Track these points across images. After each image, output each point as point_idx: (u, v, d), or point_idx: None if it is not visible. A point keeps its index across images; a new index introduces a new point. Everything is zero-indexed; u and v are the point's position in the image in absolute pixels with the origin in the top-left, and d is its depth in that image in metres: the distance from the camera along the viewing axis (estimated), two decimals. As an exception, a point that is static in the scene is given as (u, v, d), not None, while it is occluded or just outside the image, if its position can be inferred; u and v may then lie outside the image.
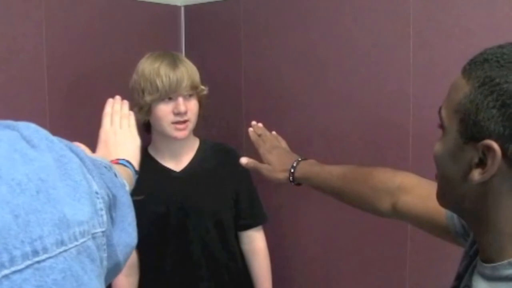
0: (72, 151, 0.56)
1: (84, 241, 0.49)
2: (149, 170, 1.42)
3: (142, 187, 1.15)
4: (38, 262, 0.43)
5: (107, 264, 0.56)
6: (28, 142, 0.49)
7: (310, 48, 1.71)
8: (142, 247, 1.53)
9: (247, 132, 1.39)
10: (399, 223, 1.50)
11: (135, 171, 1.08)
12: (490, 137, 0.60)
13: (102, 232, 0.54)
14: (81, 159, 0.57)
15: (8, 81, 1.46)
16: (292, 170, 1.23)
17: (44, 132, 0.53)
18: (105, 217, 0.55)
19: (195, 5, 2.02)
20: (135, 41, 1.80)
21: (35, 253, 0.43)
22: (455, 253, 1.40)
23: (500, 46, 0.66)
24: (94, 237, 0.51)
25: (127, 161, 1.06)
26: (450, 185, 0.69)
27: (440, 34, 1.43)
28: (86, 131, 1.45)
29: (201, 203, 1.59)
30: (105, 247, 0.55)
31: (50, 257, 0.44)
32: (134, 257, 1.57)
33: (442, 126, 0.69)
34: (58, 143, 0.53)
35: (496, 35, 1.33)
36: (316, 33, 1.69)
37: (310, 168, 1.23)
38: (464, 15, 1.39)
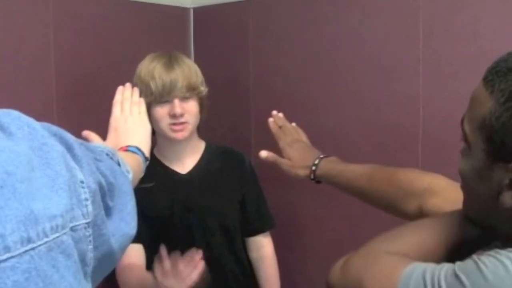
0: (61, 138, 0.54)
1: (57, 237, 0.46)
2: (154, 172, 1.41)
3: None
4: None
5: (96, 255, 0.54)
6: (4, 130, 0.47)
7: (319, 50, 1.70)
8: (145, 251, 1.52)
9: (255, 135, 1.38)
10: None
11: (145, 157, 1.07)
12: None
13: (87, 223, 0.52)
14: (69, 146, 0.54)
15: (16, 81, 1.47)
16: (313, 168, 1.18)
17: (26, 119, 0.51)
18: (90, 207, 0.52)
19: (204, 7, 2.02)
20: (143, 42, 1.80)
21: None
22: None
23: None
24: (74, 230, 0.49)
25: (137, 148, 1.06)
26: (478, 204, 0.65)
27: (449, 36, 1.42)
28: (94, 130, 1.44)
29: (206, 206, 1.56)
30: (90, 238, 0.52)
31: (12, 257, 0.41)
32: (141, 252, 1.52)
33: (466, 141, 0.64)
34: (41, 130, 0.51)
35: (505, 37, 1.32)
36: (324, 35, 1.68)
37: (332, 166, 1.18)
38: (474, 17, 1.37)
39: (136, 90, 1.22)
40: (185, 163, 1.59)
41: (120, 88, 1.21)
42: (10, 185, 0.42)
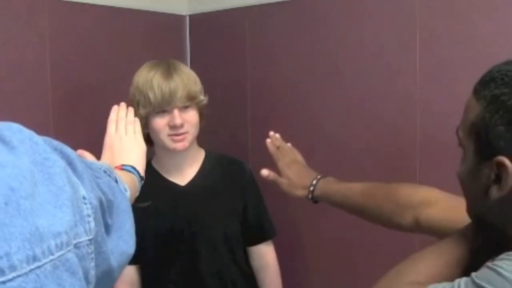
0: (62, 152, 0.54)
1: (62, 254, 0.44)
2: (152, 184, 1.37)
3: (146, 192, 1.11)
4: (4, 282, 0.39)
5: (96, 273, 0.53)
6: (6, 143, 0.46)
7: (316, 56, 1.70)
8: (145, 265, 1.51)
9: (252, 141, 1.38)
10: (409, 235, 1.49)
11: (140, 177, 1.06)
12: (501, 154, 0.63)
13: (89, 240, 0.50)
14: (70, 161, 0.54)
15: (12, 90, 1.46)
16: (311, 188, 1.23)
17: (28, 133, 0.49)
18: (92, 224, 0.51)
19: (200, 14, 2.02)
20: (140, 50, 1.80)
21: (1, 272, 0.39)
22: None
23: (506, 63, 0.69)
24: (78, 247, 0.48)
25: (132, 167, 1.05)
26: (473, 203, 0.71)
27: (446, 40, 1.42)
28: (90, 139, 1.43)
29: (208, 218, 1.53)
30: (92, 255, 0.51)
31: (18, 276, 0.40)
32: (134, 274, 1.52)
33: (461, 145, 0.71)
34: (43, 145, 0.50)
35: (502, 41, 1.32)
36: (321, 41, 1.68)
37: (330, 186, 1.22)
38: (471, 21, 1.38)
39: (131, 110, 1.19)
40: (185, 174, 1.55)
41: (115, 107, 1.19)
42: (14, 201, 0.41)
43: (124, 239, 0.65)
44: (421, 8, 1.46)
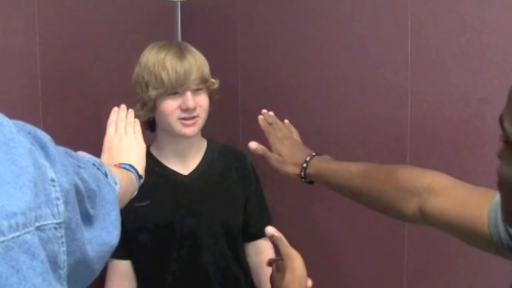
0: (35, 136, 0.53)
1: (18, 235, 0.43)
2: (152, 172, 1.33)
3: (145, 190, 1.11)
4: None
5: (69, 260, 0.52)
6: None
7: (307, 44, 1.69)
8: (143, 256, 1.46)
9: (243, 130, 1.36)
10: (398, 225, 1.49)
11: (139, 175, 1.06)
12: None
13: (58, 223, 0.49)
14: (43, 144, 0.53)
15: (1, 77, 1.44)
16: (304, 165, 1.13)
17: None
18: (62, 207, 0.50)
19: (191, 0, 2.00)
20: (130, 36, 1.78)
21: None
22: (454, 254, 1.40)
23: None
24: (42, 229, 0.46)
25: (130, 166, 1.05)
26: None
27: (438, 29, 1.42)
28: (80, 125, 1.43)
29: (211, 210, 1.47)
30: (63, 240, 0.50)
31: None
32: (128, 269, 1.47)
33: (508, 142, 0.56)
34: (9, 126, 0.49)
35: (494, 30, 1.32)
36: (313, 30, 1.67)
37: (325, 164, 1.11)
38: (463, 10, 1.37)
39: (131, 111, 1.18)
40: (188, 163, 1.49)
41: (115, 108, 1.19)
42: None
43: (107, 230, 0.64)
44: (413, -3, 1.45)
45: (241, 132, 1.86)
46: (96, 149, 1.08)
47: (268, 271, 1.57)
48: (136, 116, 1.20)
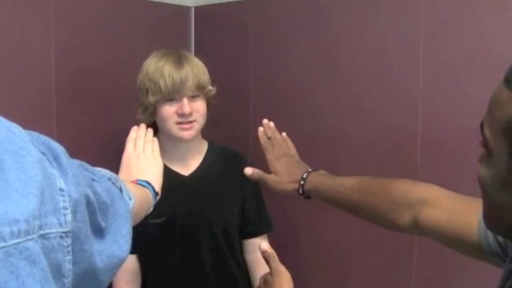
0: (49, 147, 0.54)
1: (19, 242, 0.43)
2: None
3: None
4: None
5: (75, 270, 0.52)
6: None
7: (319, 51, 1.70)
8: (146, 254, 1.52)
9: (254, 135, 1.37)
10: (407, 234, 1.49)
11: (155, 192, 1.08)
12: None
13: (64, 233, 0.49)
14: (56, 155, 0.53)
15: (16, 79, 1.46)
16: (302, 182, 1.15)
17: (7, 124, 0.50)
18: (69, 217, 0.50)
19: (205, 6, 2.02)
20: (144, 41, 1.80)
21: None
22: (462, 263, 1.39)
23: None
24: (46, 237, 0.47)
25: (147, 182, 1.07)
26: (502, 213, 0.59)
27: (450, 37, 1.42)
28: (93, 128, 1.45)
29: (210, 210, 1.54)
30: (69, 249, 0.50)
31: None
32: (135, 264, 1.54)
33: (486, 146, 0.58)
34: (20, 135, 0.50)
35: (506, 39, 1.32)
36: (325, 36, 1.68)
37: (321, 180, 1.14)
38: (475, 19, 1.37)
39: (150, 130, 1.25)
40: (188, 164, 1.57)
41: (134, 127, 1.25)
42: None
43: (118, 244, 0.64)
44: (425, 3, 1.45)
45: (252, 135, 1.87)
46: (106, 151, 1.10)
47: (263, 268, 1.61)
48: (138, 119, 1.23)
